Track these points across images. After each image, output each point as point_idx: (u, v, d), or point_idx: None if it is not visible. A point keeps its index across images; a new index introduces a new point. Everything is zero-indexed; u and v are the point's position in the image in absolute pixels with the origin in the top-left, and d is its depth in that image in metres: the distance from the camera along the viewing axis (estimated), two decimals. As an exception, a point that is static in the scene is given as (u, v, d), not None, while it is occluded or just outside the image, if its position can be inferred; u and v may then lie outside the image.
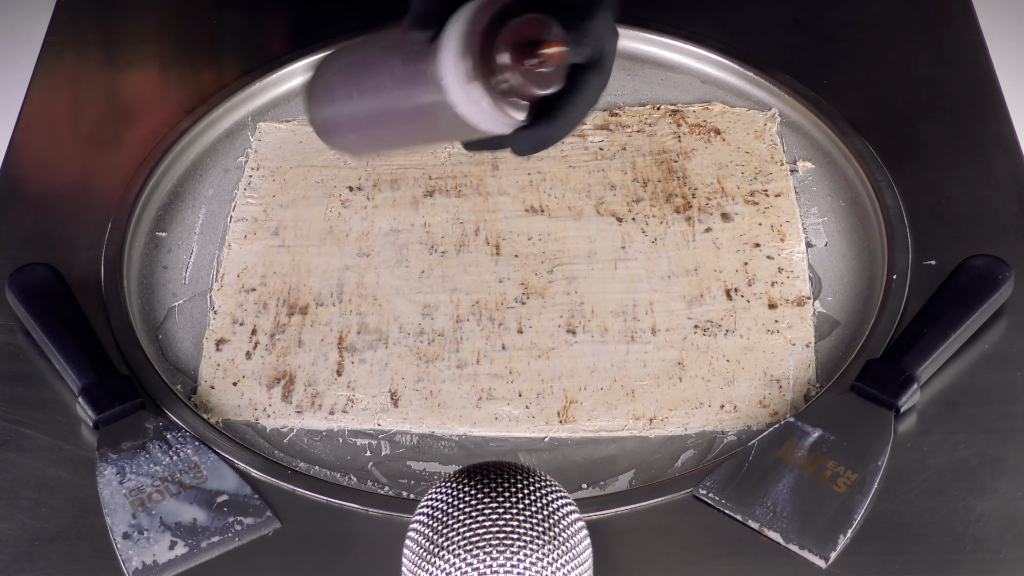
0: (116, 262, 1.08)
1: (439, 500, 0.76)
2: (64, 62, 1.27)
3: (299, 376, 1.02)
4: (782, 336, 1.03)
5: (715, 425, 0.99)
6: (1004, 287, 1.02)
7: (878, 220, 1.10)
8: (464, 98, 0.81)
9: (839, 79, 1.21)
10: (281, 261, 1.10)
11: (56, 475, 0.95)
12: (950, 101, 1.19)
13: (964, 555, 0.89)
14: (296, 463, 0.97)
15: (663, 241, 1.10)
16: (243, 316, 1.06)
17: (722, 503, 0.92)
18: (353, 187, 1.16)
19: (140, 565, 0.89)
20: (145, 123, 1.20)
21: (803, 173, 1.15)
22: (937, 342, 0.98)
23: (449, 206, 1.14)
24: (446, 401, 1.01)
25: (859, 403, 0.96)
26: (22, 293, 1.03)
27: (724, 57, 1.23)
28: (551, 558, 0.74)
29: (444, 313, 1.06)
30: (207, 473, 0.94)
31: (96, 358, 0.99)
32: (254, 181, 1.16)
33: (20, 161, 1.17)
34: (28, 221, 1.12)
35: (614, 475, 0.96)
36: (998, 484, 0.92)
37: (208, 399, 1.01)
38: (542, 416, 1.00)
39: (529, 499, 0.75)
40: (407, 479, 0.96)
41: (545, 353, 1.03)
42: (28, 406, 0.99)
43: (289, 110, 1.23)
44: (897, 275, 1.05)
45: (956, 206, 1.11)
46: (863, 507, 0.91)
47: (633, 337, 1.04)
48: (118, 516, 0.91)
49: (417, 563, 0.75)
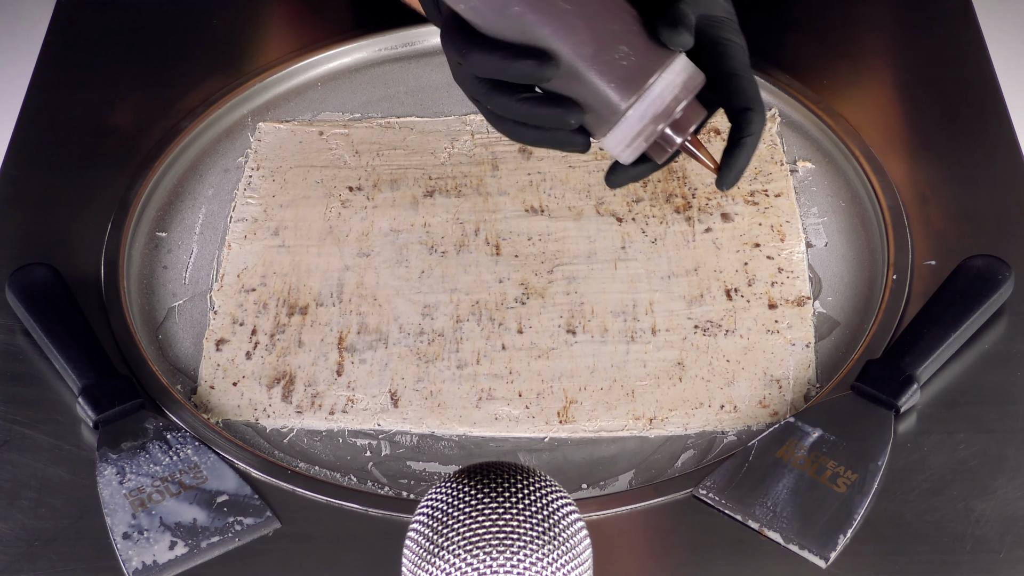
0: (116, 262, 1.08)
1: (439, 500, 0.76)
2: (64, 62, 1.27)
3: (299, 376, 1.02)
4: (782, 336, 1.03)
5: (715, 425, 0.99)
6: (1004, 287, 1.02)
7: (878, 220, 1.10)
8: (616, 150, 0.89)
9: (839, 79, 1.21)
10: (281, 261, 1.10)
11: (56, 475, 0.95)
12: (950, 101, 1.19)
13: (964, 555, 0.89)
14: (296, 463, 0.97)
15: (663, 241, 1.10)
16: (243, 316, 1.06)
17: (722, 503, 0.92)
18: (353, 187, 1.16)
19: (140, 565, 0.89)
20: (145, 123, 1.20)
21: (803, 173, 1.15)
22: (937, 342, 0.98)
23: (449, 206, 1.14)
24: (446, 401, 1.01)
25: (859, 403, 0.96)
26: (22, 293, 1.03)
27: (724, 57, 1.23)
28: (551, 558, 0.74)
29: (444, 313, 1.06)
30: (207, 473, 0.94)
31: (96, 358, 0.99)
32: (254, 181, 1.16)
33: (20, 161, 1.17)
34: (28, 221, 1.13)
35: (614, 475, 0.96)
36: (998, 484, 0.92)
37: (208, 399, 1.01)
38: (542, 416, 1.00)
39: (529, 499, 0.75)
40: (407, 479, 0.96)
41: (545, 353, 1.03)
42: (28, 406, 0.99)
43: (289, 110, 1.23)
44: (897, 275, 1.05)
45: (956, 206, 1.11)
46: (863, 507, 0.91)
47: (633, 337, 1.04)
48: (118, 516, 0.91)
49: (417, 563, 0.75)
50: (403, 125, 1.21)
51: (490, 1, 0.86)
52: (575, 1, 0.86)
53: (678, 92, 0.87)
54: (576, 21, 0.86)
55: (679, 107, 0.88)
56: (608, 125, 0.88)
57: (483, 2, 0.86)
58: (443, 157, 1.18)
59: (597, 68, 0.86)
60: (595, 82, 0.86)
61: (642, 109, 0.87)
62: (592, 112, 0.88)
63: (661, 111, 0.87)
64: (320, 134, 1.20)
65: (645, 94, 0.87)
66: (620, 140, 0.88)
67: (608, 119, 0.87)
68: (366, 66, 1.27)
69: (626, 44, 0.87)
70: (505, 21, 0.86)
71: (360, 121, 1.22)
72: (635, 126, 0.87)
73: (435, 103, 1.23)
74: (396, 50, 1.27)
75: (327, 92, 1.24)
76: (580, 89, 0.87)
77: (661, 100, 0.87)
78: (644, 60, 0.87)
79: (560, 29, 0.86)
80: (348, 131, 1.20)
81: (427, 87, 1.24)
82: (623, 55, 0.86)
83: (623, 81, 0.87)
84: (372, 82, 1.25)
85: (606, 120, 0.88)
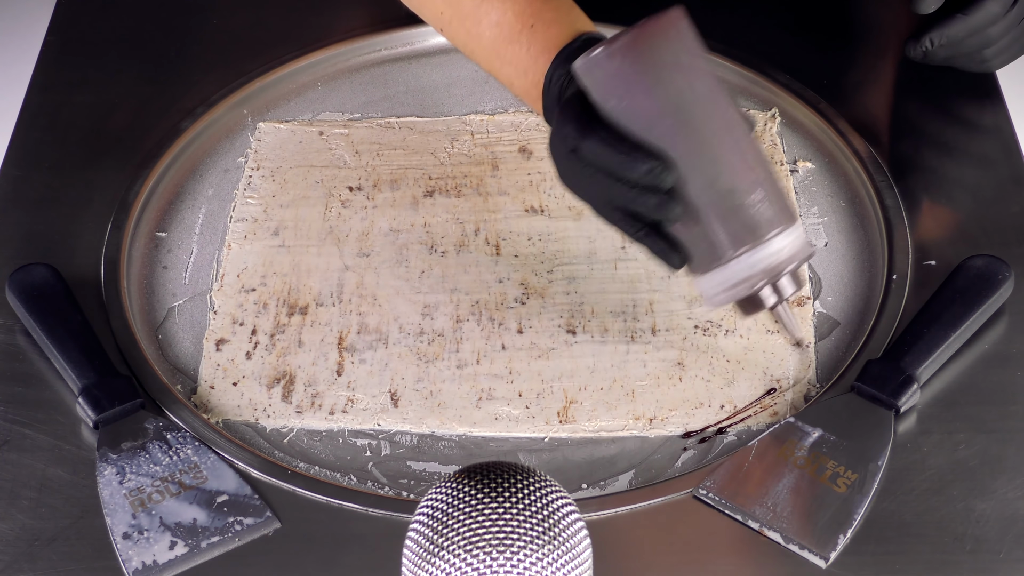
0: (116, 262, 1.08)
1: (439, 500, 0.76)
2: (64, 62, 1.27)
3: (299, 376, 1.02)
4: (782, 336, 1.03)
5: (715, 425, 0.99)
6: (1004, 287, 1.02)
7: (878, 220, 1.10)
8: (709, 292, 0.91)
9: (839, 79, 1.21)
10: (281, 261, 1.10)
11: (56, 475, 0.95)
12: (950, 101, 1.19)
13: (964, 555, 0.89)
14: (296, 463, 0.97)
15: (663, 241, 1.10)
16: (243, 316, 1.06)
17: (722, 503, 0.92)
18: (353, 187, 1.16)
19: (140, 565, 0.89)
20: (145, 123, 1.20)
21: (803, 173, 1.15)
22: (937, 342, 0.98)
23: (449, 206, 1.14)
24: (446, 401, 1.01)
25: (859, 403, 0.96)
26: (22, 293, 1.03)
27: (724, 57, 1.23)
28: (551, 558, 0.74)
29: (444, 313, 1.06)
30: (207, 473, 0.94)
31: (96, 358, 0.99)
32: (254, 181, 1.16)
33: (20, 161, 1.17)
34: (28, 221, 1.13)
35: (614, 475, 0.96)
36: (998, 484, 0.92)
37: (208, 399, 1.01)
38: (542, 416, 1.00)
39: (529, 499, 0.75)
40: (407, 479, 0.96)
41: (545, 353, 1.03)
42: (28, 406, 0.99)
43: (289, 110, 1.23)
44: (897, 275, 1.05)
45: (956, 206, 1.11)
46: (863, 507, 0.91)
47: (633, 337, 1.04)
48: (118, 516, 0.91)
49: (417, 563, 0.75)
50: (403, 125, 1.21)
51: (646, 107, 0.85)
52: (733, 135, 0.86)
53: (793, 254, 0.88)
54: (728, 156, 0.86)
55: (787, 269, 0.88)
56: (712, 263, 0.87)
57: (636, 104, 0.85)
58: (443, 157, 1.18)
59: (723, 208, 0.86)
60: (714, 220, 0.87)
61: (752, 260, 0.87)
62: (698, 246, 0.88)
63: (770, 268, 0.87)
64: (320, 134, 1.20)
65: (761, 247, 0.87)
66: (718, 284, 0.88)
67: (716, 258, 0.87)
68: (366, 66, 1.27)
69: (759, 192, 0.87)
70: (648, 131, 0.86)
71: (360, 121, 1.22)
72: (738, 275, 0.87)
73: (435, 103, 1.23)
74: (396, 50, 1.27)
75: (327, 92, 1.24)
76: (696, 220, 0.87)
77: (775, 258, 0.87)
78: (770, 214, 0.87)
79: (702, 157, 0.86)
80: (348, 131, 1.20)
81: (427, 87, 1.24)
82: (753, 203, 0.86)
83: (744, 228, 0.87)
84: (372, 82, 1.25)
85: (713, 257, 0.87)
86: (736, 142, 0.88)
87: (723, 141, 0.87)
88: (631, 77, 0.86)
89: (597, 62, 0.87)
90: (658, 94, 0.86)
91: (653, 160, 0.85)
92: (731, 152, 0.87)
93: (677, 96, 0.86)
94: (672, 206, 0.86)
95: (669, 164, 0.86)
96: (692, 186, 0.86)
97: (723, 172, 0.87)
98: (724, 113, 0.87)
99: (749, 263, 0.87)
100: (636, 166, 0.86)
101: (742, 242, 0.88)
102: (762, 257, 0.87)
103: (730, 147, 0.87)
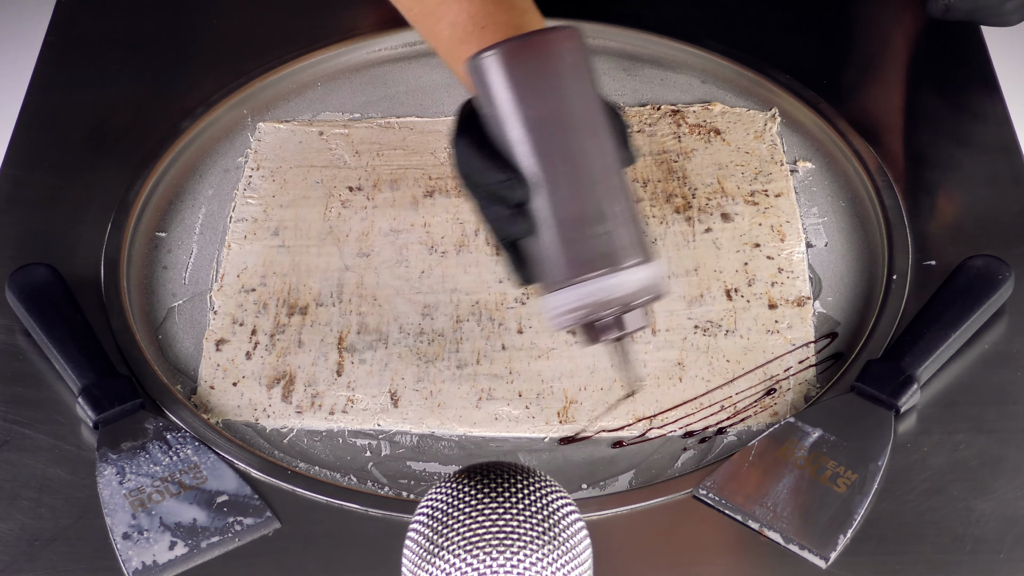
0: (116, 262, 1.08)
1: (439, 500, 0.76)
2: (64, 62, 1.27)
3: (299, 376, 1.02)
4: (782, 336, 1.03)
5: (715, 425, 0.99)
6: (1004, 287, 1.02)
7: (878, 220, 1.10)
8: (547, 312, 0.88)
9: (839, 79, 1.21)
10: (281, 261, 1.10)
11: (56, 475, 0.95)
12: (950, 101, 1.19)
13: (964, 555, 0.89)
14: (296, 463, 0.97)
15: (663, 241, 1.10)
16: (243, 316, 1.06)
17: (722, 503, 0.92)
18: (353, 187, 1.16)
19: (140, 565, 0.89)
20: (145, 123, 1.20)
21: (803, 173, 1.15)
22: (937, 342, 0.98)
23: (449, 206, 1.14)
24: (446, 401, 1.01)
25: (859, 403, 0.96)
26: (22, 293, 1.03)
27: (724, 57, 1.23)
28: (551, 558, 0.74)
29: (444, 313, 1.06)
30: (207, 473, 0.94)
31: (96, 358, 0.99)
32: (254, 181, 1.16)
33: (20, 161, 1.17)
34: (28, 221, 1.12)
35: (614, 475, 0.96)
36: (998, 484, 0.92)
37: (208, 399, 1.01)
38: (542, 416, 1.00)
39: (529, 499, 0.75)
40: (407, 479, 0.96)
41: (545, 353, 1.03)
42: (28, 406, 0.99)
43: (289, 110, 1.23)
44: (897, 275, 1.05)
45: (956, 206, 1.11)
46: (863, 507, 0.91)
47: (633, 337, 1.04)
48: (118, 516, 0.91)
49: (417, 563, 0.75)
50: (403, 125, 1.21)
51: (510, 120, 0.85)
52: (596, 164, 0.85)
53: (635, 291, 0.85)
54: (583, 183, 0.85)
55: (630, 304, 0.85)
56: (551, 286, 0.86)
57: (502, 114, 0.85)
58: (443, 157, 1.18)
59: (566, 233, 0.85)
60: (555, 243, 0.85)
61: (589, 290, 0.85)
62: (542, 265, 0.86)
63: (605, 301, 0.85)
64: (320, 134, 1.20)
65: (602, 278, 0.85)
66: (554, 307, 0.86)
67: (553, 281, 0.86)
68: (366, 66, 1.27)
69: (607, 224, 0.85)
70: (510, 144, 0.85)
71: (360, 121, 1.22)
72: (574, 302, 0.85)
73: (435, 103, 1.23)
74: (396, 50, 1.27)
75: (327, 92, 1.24)
76: (541, 240, 0.86)
77: (614, 291, 0.85)
78: (616, 247, 0.85)
79: (556, 180, 0.85)
80: (348, 131, 1.20)
81: (427, 87, 1.24)
82: (597, 233, 0.85)
83: (585, 257, 0.85)
84: (372, 82, 1.25)
85: (551, 280, 0.86)
86: (596, 171, 0.86)
87: (581, 168, 0.85)
88: (500, 88, 0.85)
89: (476, 66, 0.86)
90: (523, 110, 0.85)
91: (506, 172, 0.85)
92: (587, 180, 0.85)
93: (541, 116, 0.85)
94: (518, 221, 0.86)
95: (520, 180, 0.85)
96: (539, 206, 0.86)
97: (573, 198, 0.85)
98: (591, 141, 0.86)
99: (585, 292, 0.85)
100: (488, 175, 0.86)
101: (579, 271, 0.85)
102: (599, 289, 0.85)
103: (588, 175, 0.86)
